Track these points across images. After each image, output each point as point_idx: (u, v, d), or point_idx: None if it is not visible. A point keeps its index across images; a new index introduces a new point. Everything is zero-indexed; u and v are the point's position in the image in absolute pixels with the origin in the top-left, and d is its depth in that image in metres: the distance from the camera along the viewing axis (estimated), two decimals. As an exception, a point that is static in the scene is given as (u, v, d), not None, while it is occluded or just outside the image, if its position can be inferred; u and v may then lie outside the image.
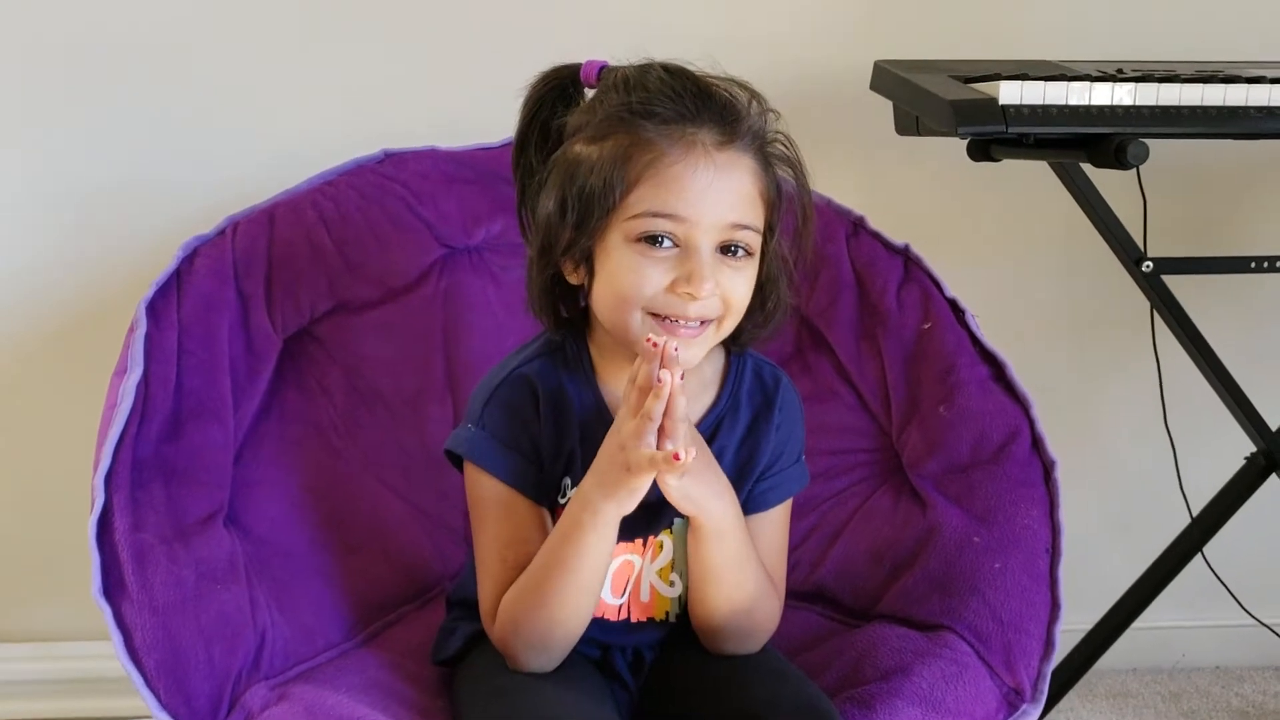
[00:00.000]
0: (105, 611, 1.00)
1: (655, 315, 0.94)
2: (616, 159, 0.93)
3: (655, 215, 0.93)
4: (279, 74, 1.52)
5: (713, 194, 0.93)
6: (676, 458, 0.87)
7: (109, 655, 1.02)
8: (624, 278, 0.94)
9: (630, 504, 0.92)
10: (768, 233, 0.99)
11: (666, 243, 0.94)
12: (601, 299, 0.97)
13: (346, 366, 1.30)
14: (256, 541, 1.14)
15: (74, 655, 1.62)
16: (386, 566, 1.23)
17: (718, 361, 1.06)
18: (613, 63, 1.00)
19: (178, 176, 1.52)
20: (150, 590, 1.00)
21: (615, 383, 1.01)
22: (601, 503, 0.92)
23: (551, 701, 0.94)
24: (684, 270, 0.93)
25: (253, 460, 1.20)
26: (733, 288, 0.96)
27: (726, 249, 0.95)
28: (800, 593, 1.24)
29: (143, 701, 0.98)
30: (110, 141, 1.51)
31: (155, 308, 1.18)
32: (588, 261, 0.97)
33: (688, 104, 0.94)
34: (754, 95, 0.99)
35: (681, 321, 0.94)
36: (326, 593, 1.16)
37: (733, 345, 1.05)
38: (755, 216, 0.96)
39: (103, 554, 1.02)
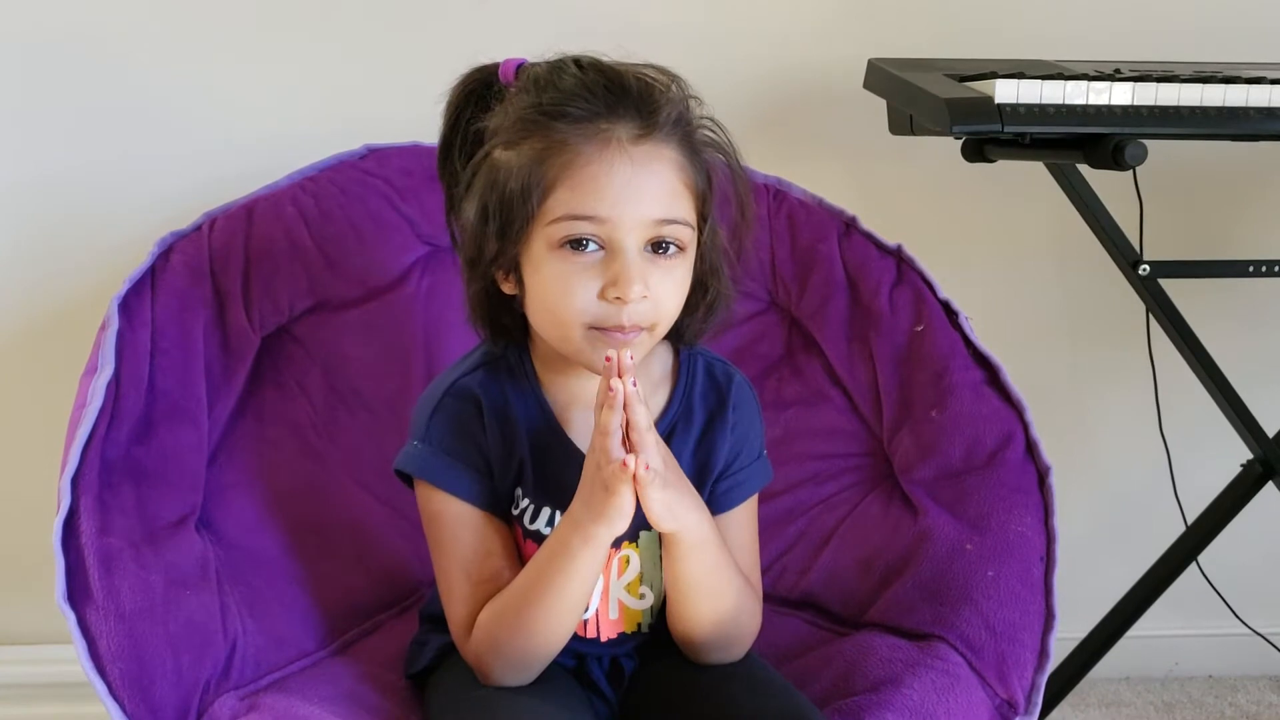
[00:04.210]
0: (69, 618, 0.97)
1: (594, 328, 0.91)
2: (532, 163, 0.90)
3: (574, 218, 0.89)
4: (260, 67, 1.50)
5: (632, 191, 0.89)
6: (625, 465, 0.84)
7: (75, 660, 0.99)
8: (553, 290, 0.91)
9: (621, 524, 0.89)
10: (701, 224, 0.95)
11: (591, 245, 0.90)
12: (536, 313, 0.94)
13: (326, 366, 1.28)
14: (229, 546, 1.12)
15: (38, 659, 1.58)
16: (364, 573, 1.20)
17: (666, 361, 1.02)
18: (531, 60, 0.96)
19: (155, 171, 1.50)
20: (116, 596, 0.98)
21: (559, 390, 0.99)
22: (591, 526, 0.89)
23: (528, 713, 0.92)
24: (610, 274, 0.90)
25: (227, 462, 1.17)
26: (664, 291, 0.92)
27: (656, 246, 0.91)
28: (788, 600, 1.22)
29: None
30: (86, 135, 1.49)
31: (128, 305, 1.16)
32: (517, 271, 0.94)
33: (601, 100, 0.90)
34: (674, 80, 0.95)
35: (617, 331, 0.91)
36: (301, 599, 1.13)
37: (679, 342, 1.01)
38: (682, 210, 0.92)
39: (68, 558, 0.99)
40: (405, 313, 1.31)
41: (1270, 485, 1.45)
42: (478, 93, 0.98)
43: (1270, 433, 1.45)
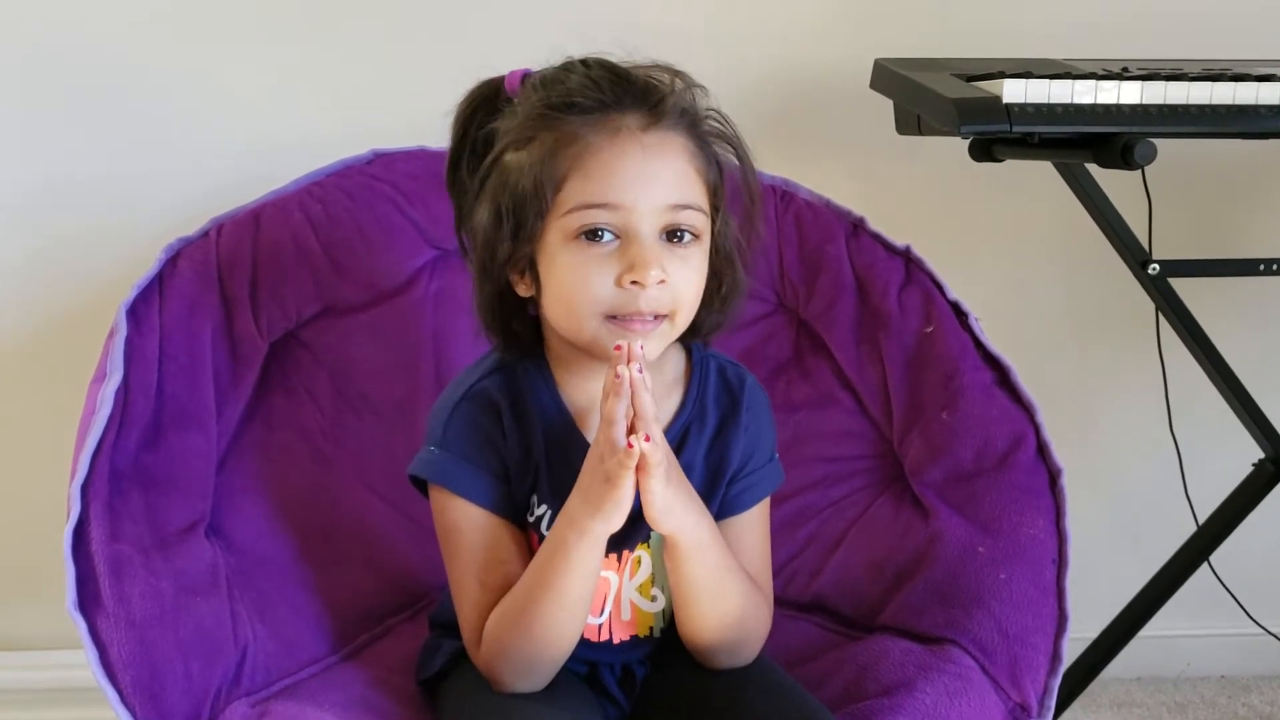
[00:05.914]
0: (80, 626, 0.97)
1: (611, 318, 0.91)
2: (543, 158, 0.90)
3: (589, 207, 0.89)
4: (267, 73, 1.50)
5: (646, 177, 0.90)
6: (630, 446, 0.84)
7: (85, 665, 0.98)
8: (569, 281, 0.91)
9: (617, 519, 0.88)
10: (713, 214, 0.95)
11: (606, 235, 0.90)
12: (553, 308, 0.94)
13: (334, 371, 1.28)
14: (239, 552, 1.11)
15: (50, 665, 1.59)
16: (374, 577, 1.20)
17: (679, 363, 1.02)
18: (536, 69, 0.97)
19: (162, 177, 1.50)
20: (127, 603, 0.97)
21: (578, 393, 0.98)
22: (587, 520, 0.89)
23: (539, 719, 0.91)
24: (626, 260, 0.89)
25: (236, 468, 1.17)
26: (681, 279, 0.91)
27: (671, 235, 0.91)
28: (799, 603, 1.22)
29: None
30: (92, 141, 1.49)
31: (136, 311, 1.16)
32: (532, 270, 0.94)
33: (607, 91, 0.91)
34: (678, 75, 0.95)
35: (636, 319, 0.90)
36: (311, 604, 1.13)
37: (693, 337, 1.01)
38: (696, 195, 0.92)
39: (78, 565, 0.99)
40: (413, 317, 1.31)
41: (1282, 484, 1.45)
42: (485, 106, 0.98)
43: (1282, 432, 1.44)
